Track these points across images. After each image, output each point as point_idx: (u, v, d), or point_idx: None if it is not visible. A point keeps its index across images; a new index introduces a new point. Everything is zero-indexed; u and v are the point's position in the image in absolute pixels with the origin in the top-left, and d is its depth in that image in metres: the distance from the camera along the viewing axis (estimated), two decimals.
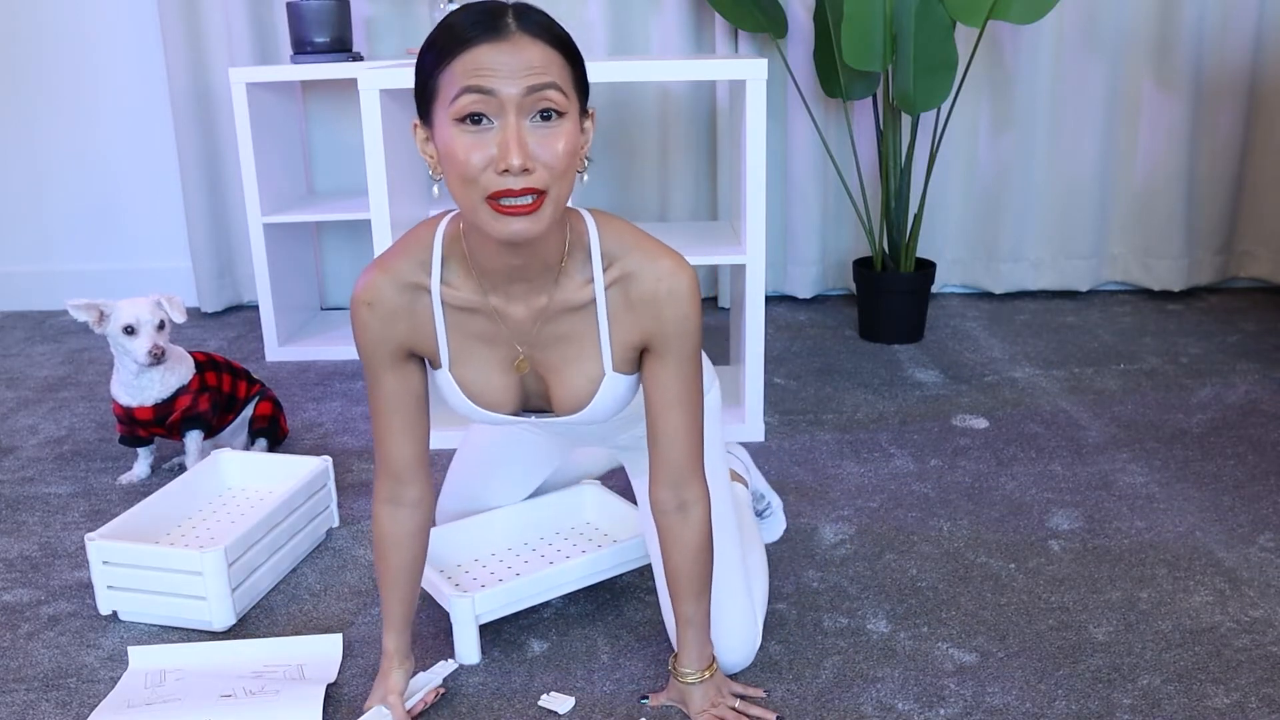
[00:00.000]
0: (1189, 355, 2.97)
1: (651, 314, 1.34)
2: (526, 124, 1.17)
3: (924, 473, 2.28)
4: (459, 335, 1.39)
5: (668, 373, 1.37)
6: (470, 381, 1.42)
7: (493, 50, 1.15)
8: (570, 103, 1.19)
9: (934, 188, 3.48)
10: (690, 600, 1.46)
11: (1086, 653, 1.64)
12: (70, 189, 3.66)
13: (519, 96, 1.16)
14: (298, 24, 3.06)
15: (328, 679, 1.60)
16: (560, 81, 1.18)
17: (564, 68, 1.19)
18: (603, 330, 1.37)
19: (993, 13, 2.82)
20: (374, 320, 1.36)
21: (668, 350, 1.36)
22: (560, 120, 1.18)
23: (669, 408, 1.37)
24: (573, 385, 1.41)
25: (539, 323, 1.37)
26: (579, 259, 1.35)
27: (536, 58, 1.16)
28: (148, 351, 2.14)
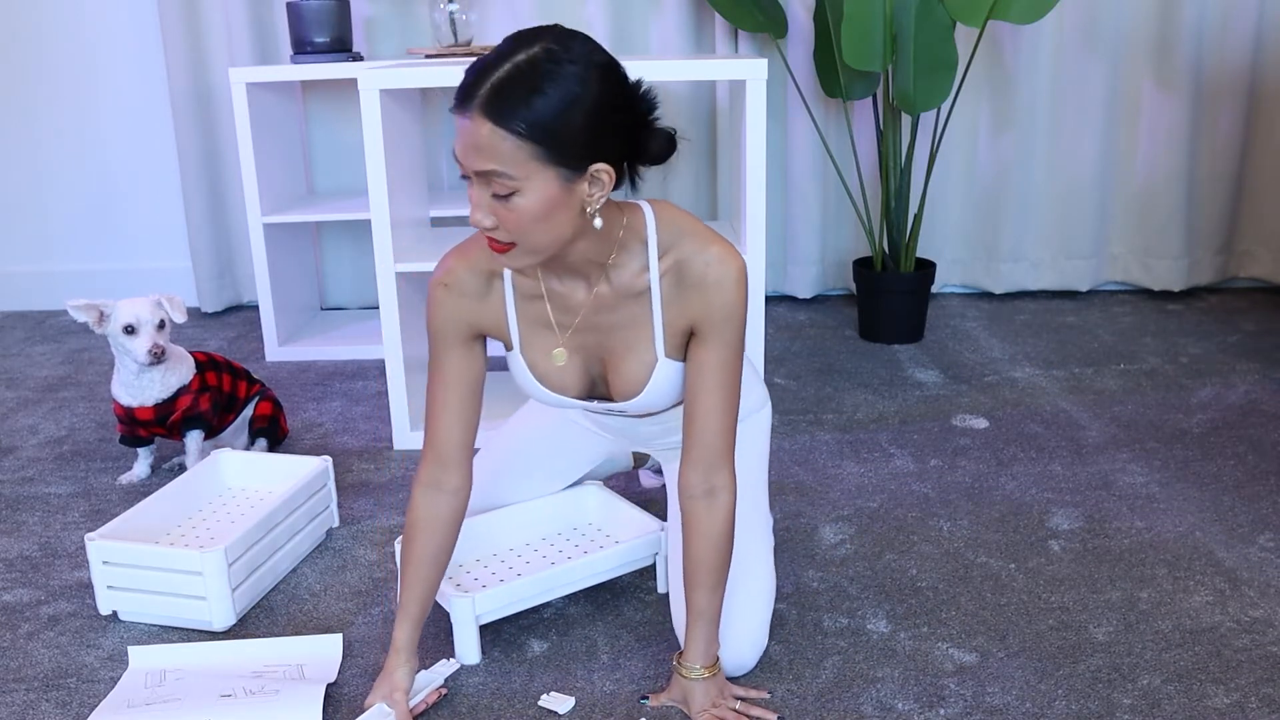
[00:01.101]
0: (1189, 355, 2.97)
1: (699, 297, 1.40)
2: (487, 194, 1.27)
3: (924, 473, 2.28)
4: (527, 320, 1.49)
5: (709, 355, 1.42)
6: (537, 364, 1.51)
7: (460, 122, 1.26)
8: (526, 179, 1.25)
9: (934, 188, 3.48)
10: (705, 591, 1.47)
11: (1086, 653, 1.64)
12: (70, 189, 3.66)
13: (473, 172, 1.27)
14: (298, 24, 3.06)
15: (328, 679, 1.60)
16: (507, 166, 1.24)
17: (521, 149, 1.23)
18: (656, 316, 1.44)
19: (993, 13, 2.82)
20: (449, 300, 1.46)
21: (711, 333, 1.41)
22: (514, 196, 1.26)
23: (707, 390, 1.42)
24: (629, 371, 1.48)
25: (598, 310, 1.45)
26: (635, 249, 1.42)
27: (484, 141, 1.24)
28: (148, 350, 2.14)
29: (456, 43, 3.11)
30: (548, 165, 1.25)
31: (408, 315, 2.46)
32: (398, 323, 2.38)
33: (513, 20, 3.38)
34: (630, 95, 1.31)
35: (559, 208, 1.28)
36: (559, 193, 1.27)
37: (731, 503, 1.46)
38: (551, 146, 1.24)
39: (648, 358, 1.47)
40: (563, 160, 1.25)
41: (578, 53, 1.26)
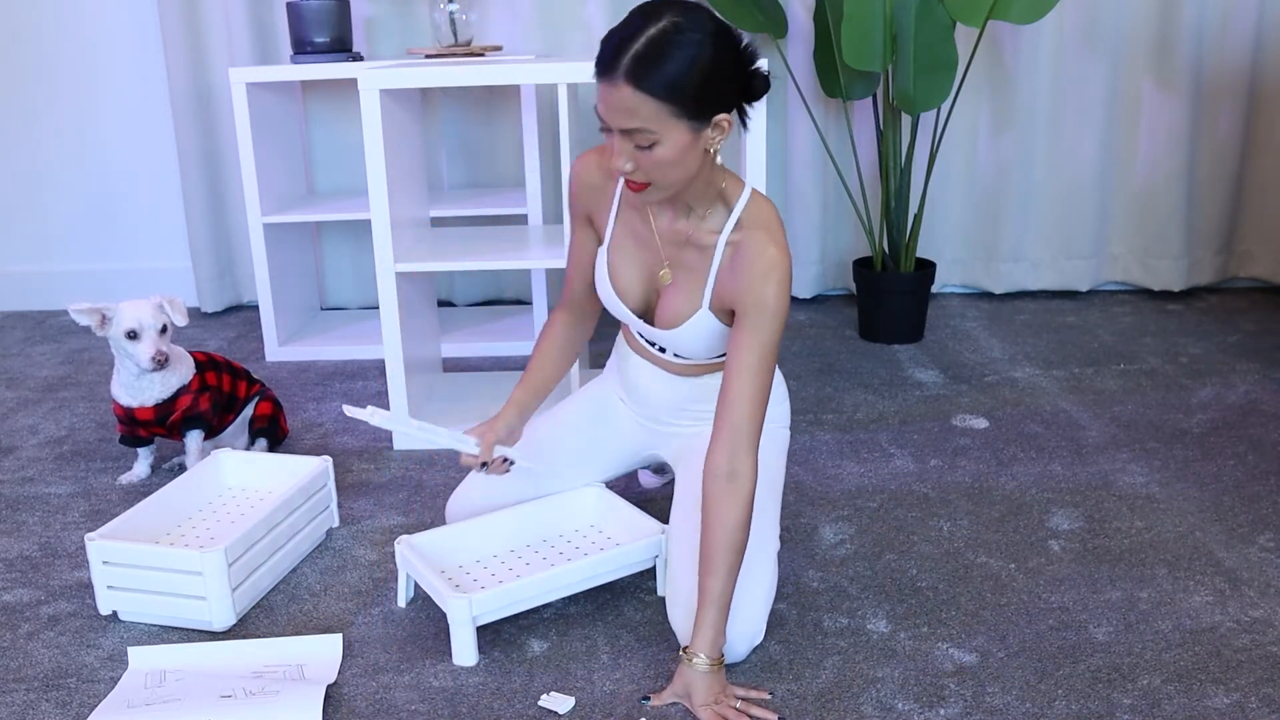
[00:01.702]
0: (1189, 355, 2.97)
1: (745, 284, 1.57)
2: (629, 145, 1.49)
3: (924, 473, 2.28)
4: (622, 224, 1.72)
5: (745, 339, 1.56)
6: (615, 265, 1.73)
7: (604, 87, 1.47)
8: (664, 132, 1.46)
9: (934, 188, 3.48)
10: (719, 575, 1.52)
11: (1086, 653, 1.64)
12: (70, 189, 3.66)
13: (618, 129, 1.48)
14: (298, 24, 3.06)
15: (328, 679, 1.60)
16: (648, 123, 1.46)
17: (657, 109, 1.45)
18: (711, 273, 1.64)
19: (993, 13, 2.82)
20: (576, 184, 1.75)
21: (746, 319, 1.56)
22: (651, 149, 1.48)
23: (740, 373, 1.56)
24: (675, 305, 1.68)
25: (672, 242, 1.67)
26: (719, 212, 1.63)
27: (628, 103, 1.45)
28: (151, 357, 2.13)
29: (456, 43, 3.11)
30: (680, 119, 1.46)
31: (408, 315, 2.46)
32: (398, 323, 2.38)
33: (513, 20, 3.38)
34: (740, 53, 1.51)
35: (689, 152, 1.50)
36: (690, 140, 1.49)
37: (751, 489, 1.54)
38: (683, 104, 1.45)
39: (694, 302, 1.66)
40: (692, 114, 1.47)
41: (698, 20, 1.46)
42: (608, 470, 1.96)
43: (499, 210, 3.13)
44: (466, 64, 2.31)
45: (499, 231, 2.73)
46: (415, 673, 1.64)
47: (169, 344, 2.20)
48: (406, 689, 1.60)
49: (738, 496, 1.53)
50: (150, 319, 2.15)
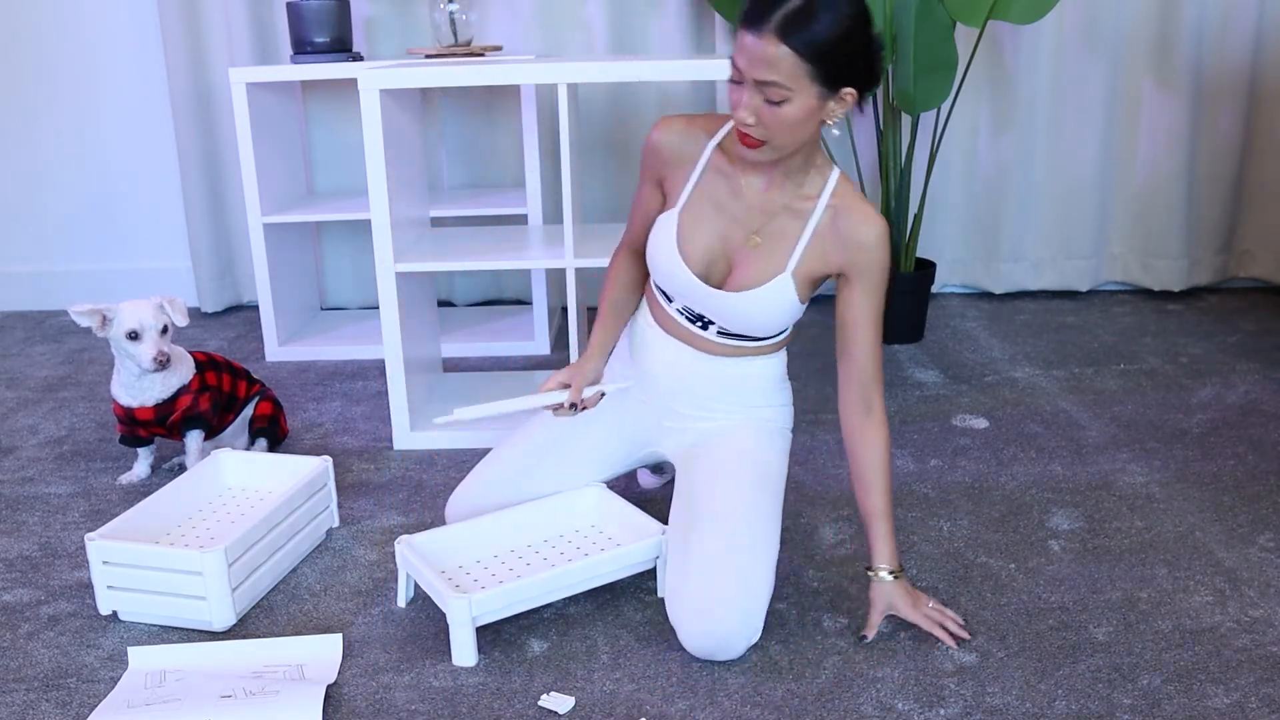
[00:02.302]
0: (1189, 355, 2.97)
1: (852, 248, 1.67)
2: (758, 98, 1.54)
3: (924, 473, 2.28)
4: (702, 191, 1.74)
5: (858, 297, 1.69)
6: (686, 228, 1.74)
7: (748, 38, 1.51)
8: (796, 92, 1.52)
9: (934, 188, 3.48)
10: (878, 492, 1.70)
11: (1086, 653, 1.64)
12: (70, 189, 3.66)
13: (752, 80, 1.53)
14: (298, 24, 3.06)
15: (328, 679, 1.60)
16: (785, 79, 1.51)
17: (797, 67, 1.50)
18: (805, 237, 1.69)
19: (993, 13, 2.82)
20: (653, 144, 1.77)
21: (858, 280, 1.68)
22: (779, 105, 1.53)
23: (858, 325, 1.69)
24: (754, 268, 1.71)
25: (762, 210, 1.71)
26: (815, 181, 1.70)
27: (771, 56, 1.50)
28: (152, 358, 2.13)
29: (456, 43, 3.11)
30: (814, 83, 1.53)
31: (408, 315, 2.46)
32: (398, 323, 2.38)
33: (513, 20, 3.38)
34: (874, 36, 1.58)
35: (811, 117, 1.57)
36: (815, 106, 1.55)
37: (885, 416, 1.73)
38: (820, 67, 1.51)
39: (777, 266, 1.70)
40: (825, 80, 1.53)
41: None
42: (605, 469, 1.96)
43: (499, 210, 3.13)
44: (466, 64, 2.31)
45: (499, 231, 2.73)
46: (415, 673, 1.64)
47: (170, 344, 2.20)
48: (406, 689, 1.60)
49: (876, 424, 1.72)
50: (151, 319, 2.15)
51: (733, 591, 1.60)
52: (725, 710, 1.53)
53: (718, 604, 1.59)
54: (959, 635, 1.67)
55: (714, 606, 1.59)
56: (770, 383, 1.85)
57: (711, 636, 1.59)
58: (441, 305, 3.65)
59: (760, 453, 1.80)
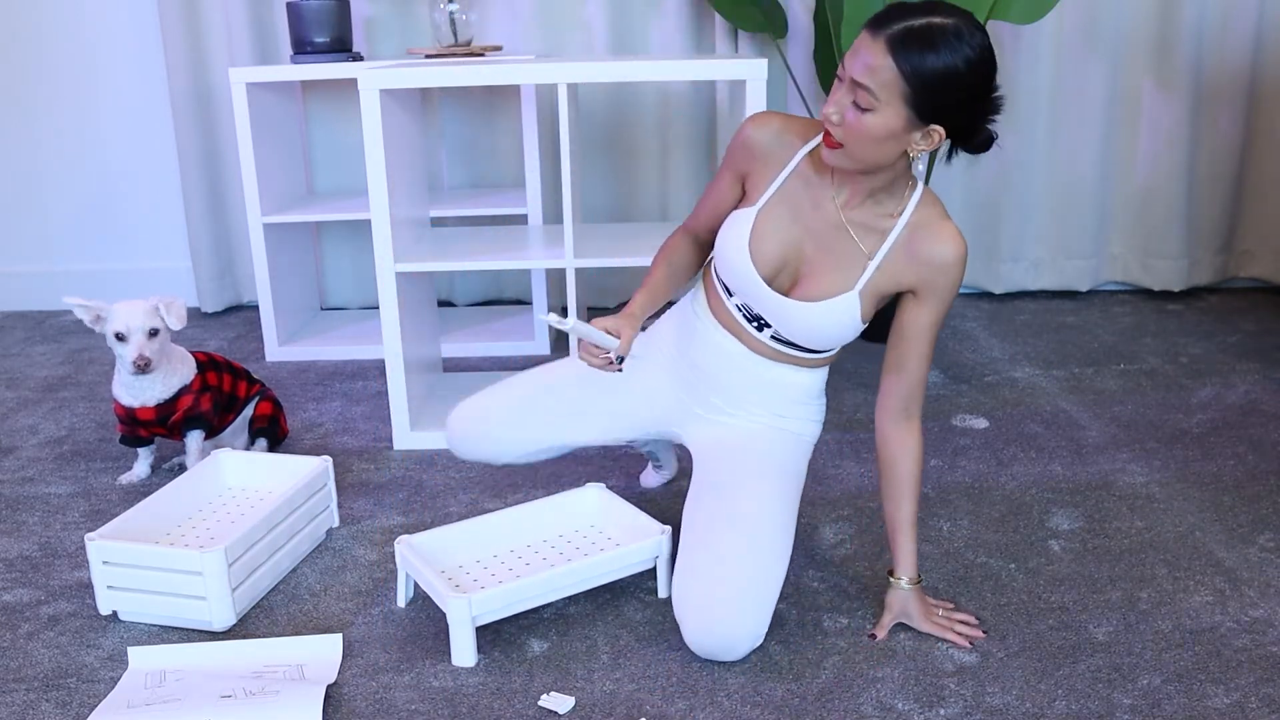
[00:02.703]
0: (1189, 355, 2.97)
1: (926, 266, 1.64)
2: (848, 99, 1.53)
3: (924, 473, 2.28)
4: (784, 194, 1.71)
5: (922, 315, 1.67)
6: (760, 226, 1.71)
7: (864, 38, 1.51)
8: (885, 105, 1.50)
9: (934, 188, 3.48)
10: (908, 501, 1.70)
11: (1086, 653, 1.64)
12: (70, 189, 3.66)
13: (850, 79, 1.52)
14: (298, 24, 3.06)
15: (328, 679, 1.61)
16: (878, 89, 1.50)
17: (895, 84, 1.49)
18: (877, 258, 1.66)
19: (993, 13, 2.82)
20: (744, 138, 1.74)
21: (928, 298, 1.66)
22: (865, 113, 1.52)
23: (916, 339, 1.68)
24: (823, 280, 1.69)
25: (839, 225, 1.68)
26: (897, 201, 1.66)
27: (875, 64, 1.50)
28: (133, 361, 2.12)
29: (456, 43, 3.11)
30: (905, 105, 1.51)
31: (408, 315, 2.46)
32: (398, 323, 2.38)
33: (513, 20, 3.38)
34: (990, 92, 1.55)
35: (891, 140, 1.54)
36: (900, 129, 1.53)
37: (920, 429, 1.72)
38: (917, 92, 1.50)
39: (845, 282, 1.68)
40: (917, 107, 1.51)
41: (976, 42, 1.50)
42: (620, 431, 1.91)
43: (499, 210, 3.13)
44: (466, 64, 2.31)
45: (499, 231, 2.73)
46: (415, 673, 1.64)
47: (167, 345, 2.19)
48: (406, 689, 1.60)
49: (912, 431, 1.70)
50: (138, 321, 2.13)
51: (741, 594, 1.60)
52: (725, 710, 1.53)
53: (725, 605, 1.59)
54: (973, 635, 1.68)
55: (721, 608, 1.59)
56: (809, 394, 1.82)
57: (716, 637, 1.59)
58: (441, 305, 3.65)
59: (785, 460, 1.78)
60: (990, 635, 1.69)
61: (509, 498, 2.21)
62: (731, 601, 1.59)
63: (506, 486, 2.26)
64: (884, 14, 1.51)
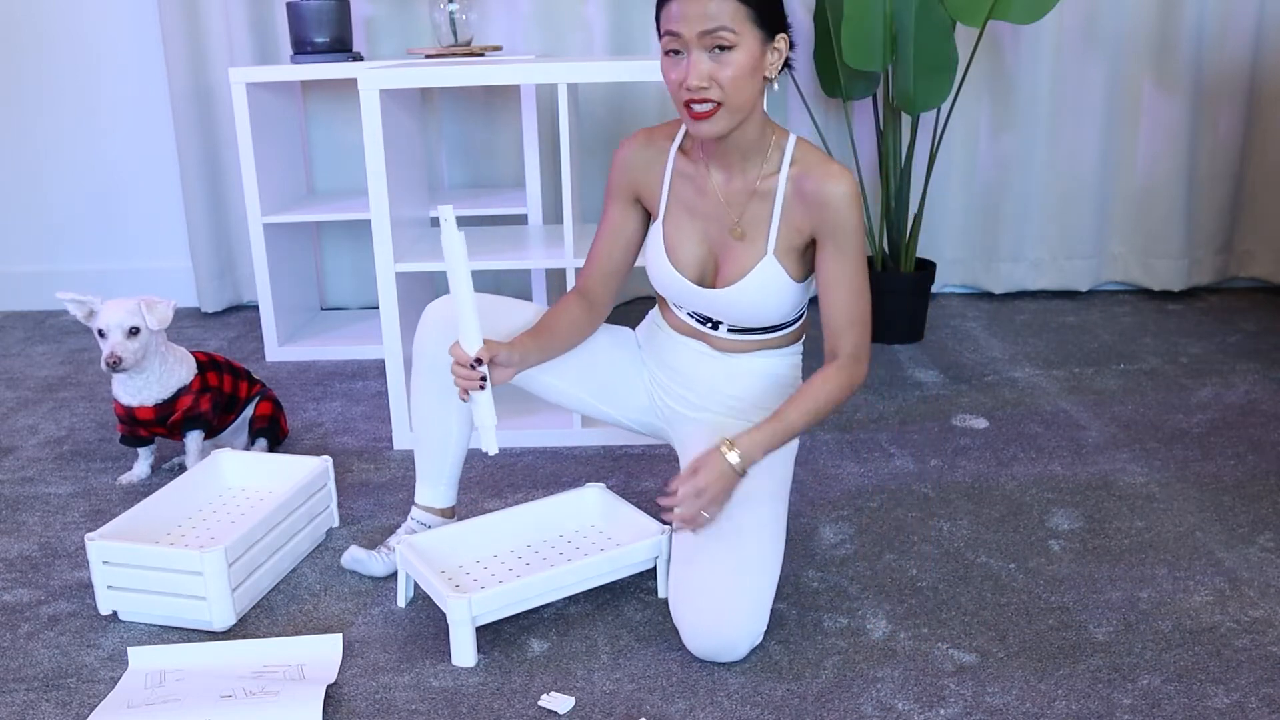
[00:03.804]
0: (1189, 355, 2.97)
1: (818, 208, 1.65)
2: (704, 55, 1.55)
3: (924, 473, 2.28)
4: (676, 199, 1.76)
5: (833, 259, 1.67)
6: (671, 238, 1.76)
7: (684, 3, 1.54)
8: (742, 37, 1.55)
9: (934, 188, 3.48)
10: (796, 406, 1.66)
11: (1086, 653, 1.64)
12: (71, 189, 3.66)
13: (696, 37, 1.55)
14: (298, 24, 3.06)
15: (328, 679, 1.60)
16: (730, 23, 1.54)
17: (739, 11, 1.54)
18: (775, 214, 1.69)
19: (993, 13, 2.82)
20: (623, 160, 1.79)
21: (829, 242, 1.67)
22: (731, 50, 1.55)
23: (830, 287, 1.69)
24: (739, 259, 1.72)
25: (729, 203, 1.71)
26: (773, 158, 1.69)
27: (713, 7, 1.53)
28: (104, 358, 2.11)
29: (456, 43, 3.11)
30: (755, 26, 1.56)
31: (408, 315, 2.46)
32: (398, 323, 2.38)
33: (512, 20, 3.38)
34: None
35: (757, 69, 1.58)
36: (759, 53, 1.58)
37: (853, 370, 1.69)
38: (758, 9, 1.55)
39: (758, 250, 1.70)
40: (764, 23, 1.57)
41: None
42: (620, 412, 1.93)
43: (499, 210, 3.13)
44: (466, 64, 2.31)
45: (499, 231, 2.73)
46: (415, 673, 1.64)
47: (153, 345, 2.16)
48: (406, 689, 1.60)
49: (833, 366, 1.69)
50: (117, 319, 2.11)
51: (738, 593, 1.60)
52: (725, 710, 1.53)
53: (722, 605, 1.59)
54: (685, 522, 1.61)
55: (718, 607, 1.59)
56: (785, 381, 1.84)
57: (715, 637, 1.59)
58: None
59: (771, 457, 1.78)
60: (990, 635, 1.69)
61: (509, 498, 2.21)
62: (728, 601, 1.59)
63: (506, 486, 2.26)
64: None
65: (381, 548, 1.93)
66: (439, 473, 1.92)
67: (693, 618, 1.60)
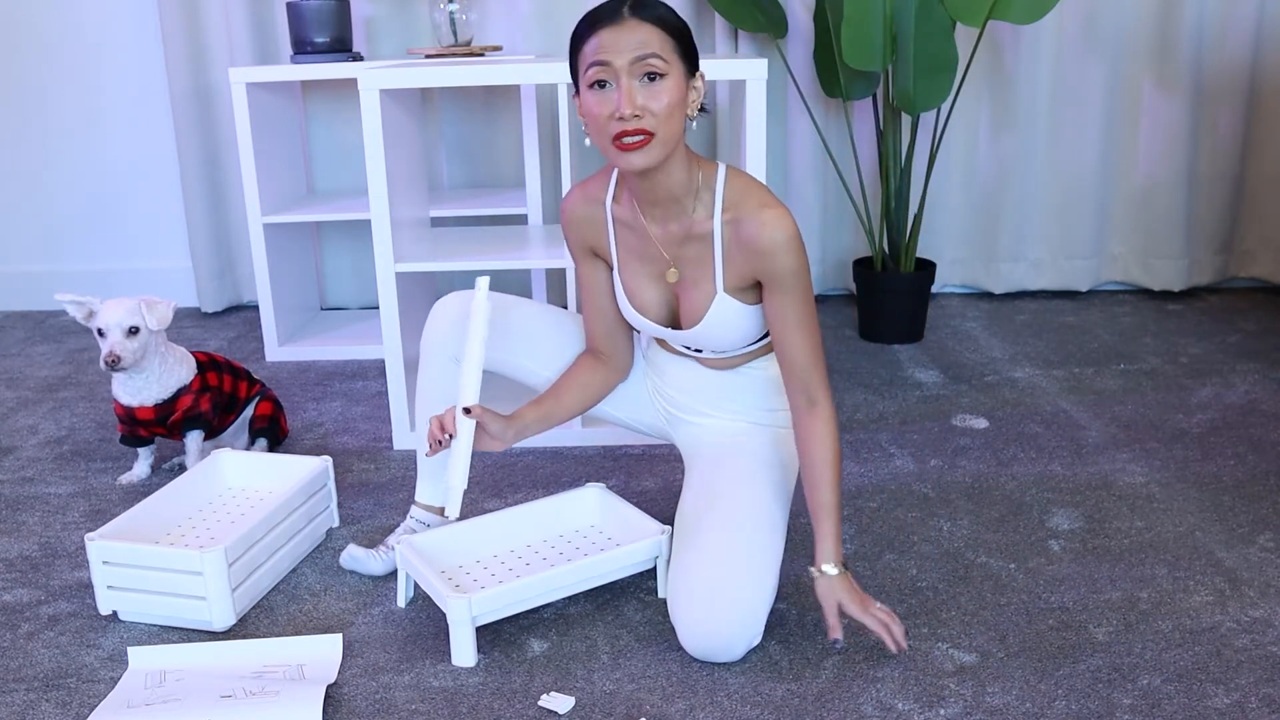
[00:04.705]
0: (1189, 355, 2.97)
1: (755, 258, 1.63)
2: (636, 84, 1.53)
3: (924, 473, 2.28)
4: (623, 247, 1.76)
5: (780, 302, 1.65)
6: (628, 285, 1.77)
7: (608, 33, 1.53)
8: (671, 66, 1.54)
9: (934, 188, 3.48)
10: (826, 487, 1.65)
11: (1086, 653, 1.64)
12: (71, 189, 3.66)
13: (628, 65, 1.52)
14: (298, 24, 3.06)
15: (328, 679, 1.60)
16: (661, 52, 1.53)
17: (666, 41, 1.54)
18: (717, 258, 1.67)
19: (993, 13, 2.82)
20: (570, 222, 1.78)
21: (776, 285, 1.64)
22: (662, 79, 1.54)
23: (786, 330, 1.65)
24: (694, 300, 1.72)
25: (674, 244, 1.70)
26: (705, 199, 1.67)
27: (641, 36, 1.53)
28: (103, 357, 2.11)
29: (456, 43, 3.11)
30: (680, 59, 1.56)
31: (407, 315, 2.46)
32: (398, 323, 2.38)
33: (512, 20, 3.38)
34: None
35: (683, 102, 1.57)
36: (684, 87, 1.57)
37: (831, 409, 1.67)
38: (680, 41, 1.56)
39: (708, 289, 1.69)
40: (686, 57, 1.57)
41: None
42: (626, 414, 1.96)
43: (499, 210, 3.13)
44: (466, 64, 2.31)
45: (499, 232, 2.73)
46: (415, 673, 1.64)
47: (152, 345, 2.16)
48: (406, 689, 1.60)
49: (820, 418, 1.66)
50: (116, 318, 2.11)
51: (737, 594, 1.60)
52: (725, 710, 1.53)
53: (721, 606, 1.59)
54: (900, 644, 1.59)
55: (717, 608, 1.59)
56: (780, 387, 1.84)
57: (713, 637, 1.59)
58: None
59: (770, 457, 1.79)
60: (990, 635, 1.69)
61: (509, 498, 2.21)
62: (726, 603, 1.59)
63: (506, 486, 2.26)
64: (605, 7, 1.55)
65: (381, 547, 1.93)
66: (441, 471, 1.92)
67: (690, 617, 1.60)
